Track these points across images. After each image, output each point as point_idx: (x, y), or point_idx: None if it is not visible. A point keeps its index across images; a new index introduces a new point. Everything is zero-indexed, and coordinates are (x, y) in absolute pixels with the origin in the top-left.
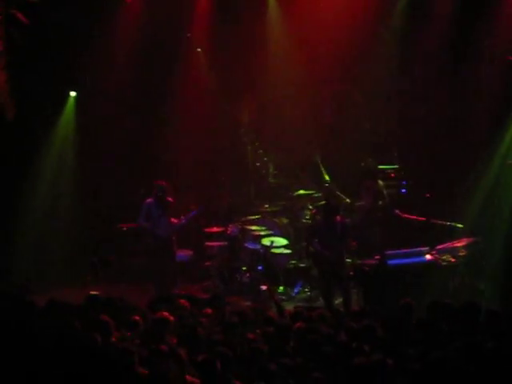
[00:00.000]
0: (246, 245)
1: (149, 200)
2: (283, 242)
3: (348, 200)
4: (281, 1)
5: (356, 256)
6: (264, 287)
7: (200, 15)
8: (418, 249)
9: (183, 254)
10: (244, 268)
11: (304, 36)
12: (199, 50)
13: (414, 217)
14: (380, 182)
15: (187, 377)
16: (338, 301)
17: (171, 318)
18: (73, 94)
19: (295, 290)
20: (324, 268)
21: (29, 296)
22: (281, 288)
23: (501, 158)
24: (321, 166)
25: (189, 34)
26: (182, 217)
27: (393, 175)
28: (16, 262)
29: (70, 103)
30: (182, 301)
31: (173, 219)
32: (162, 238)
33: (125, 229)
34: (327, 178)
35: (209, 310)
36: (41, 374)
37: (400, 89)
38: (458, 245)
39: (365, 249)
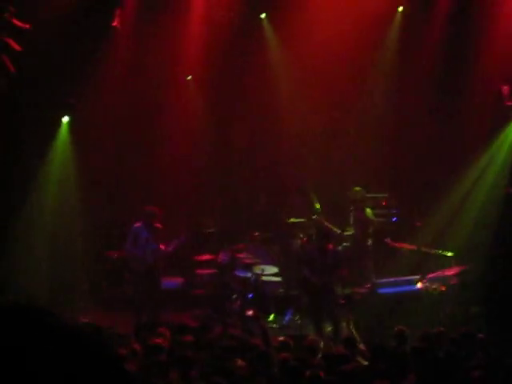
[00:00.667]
0: (237, 273)
1: (137, 225)
2: (274, 269)
3: (338, 230)
4: (275, 28)
5: (347, 285)
6: (250, 312)
7: (190, 42)
8: (409, 277)
9: (173, 281)
10: (234, 296)
11: (297, 64)
12: (189, 77)
13: (405, 245)
14: (367, 210)
15: None
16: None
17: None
18: (65, 119)
19: (286, 318)
20: (314, 295)
21: None
22: (271, 316)
23: (488, 185)
24: (311, 194)
25: (189, 77)
26: (168, 244)
27: (384, 203)
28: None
29: (64, 128)
30: (162, 329)
31: (161, 245)
32: (148, 264)
33: (115, 256)
34: (318, 206)
35: (189, 338)
36: None
37: (391, 117)
38: (449, 273)
39: (356, 278)
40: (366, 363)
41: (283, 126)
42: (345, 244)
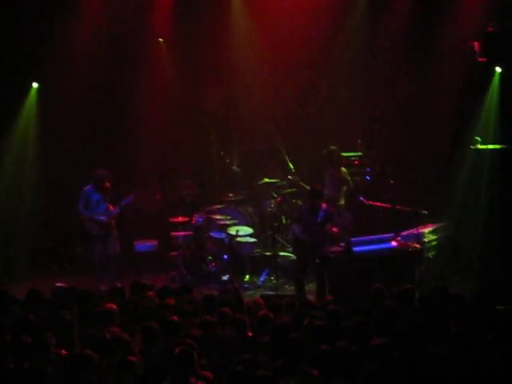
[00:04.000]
0: (212, 234)
1: (87, 187)
2: (248, 230)
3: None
4: None
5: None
6: (225, 277)
7: (162, 5)
8: (384, 235)
9: (148, 243)
10: (210, 257)
11: (268, 24)
12: (161, 40)
13: (379, 203)
14: (343, 169)
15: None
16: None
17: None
18: (35, 85)
19: (261, 279)
20: (303, 252)
21: None
22: (247, 277)
23: (465, 143)
24: (285, 154)
25: (161, 39)
26: (116, 206)
27: (357, 162)
28: None
29: (32, 94)
30: (150, 292)
31: (110, 206)
32: (101, 224)
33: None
34: (292, 166)
35: (171, 301)
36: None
37: (363, 76)
38: (423, 230)
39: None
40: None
41: (255, 88)
42: None
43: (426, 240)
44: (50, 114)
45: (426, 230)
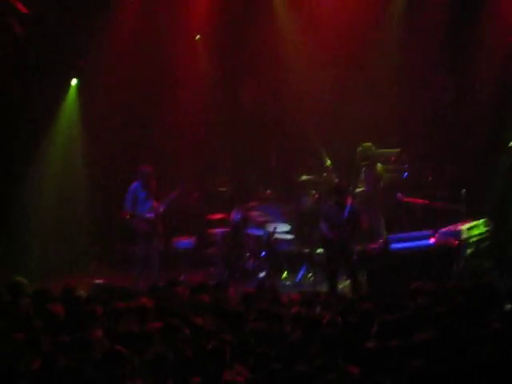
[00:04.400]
0: (249, 231)
1: (134, 184)
2: (286, 227)
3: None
4: None
5: (360, 241)
6: (262, 274)
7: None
8: (421, 232)
9: (186, 241)
10: (247, 254)
11: (307, 21)
12: (198, 37)
13: (417, 200)
14: (379, 165)
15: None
16: (343, 285)
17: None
18: (74, 81)
19: (299, 276)
20: (331, 250)
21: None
22: (285, 274)
23: (504, 141)
24: (323, 150)
25: (198, 37)
26: (161, 202)
27: (393, 159)
28: (20, 249)
29: (72, 91)
30: (181, 288)
31: (155, 203)
32: (149, 222)
33: (128, 217)
34: (329, 162)
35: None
36: None
37: (402, 74)
38: (462, 227)
39: (367, 233)
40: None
41: (292, 84)
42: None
43: (464, 237)
44: (90, 111)
45: (465, 227)
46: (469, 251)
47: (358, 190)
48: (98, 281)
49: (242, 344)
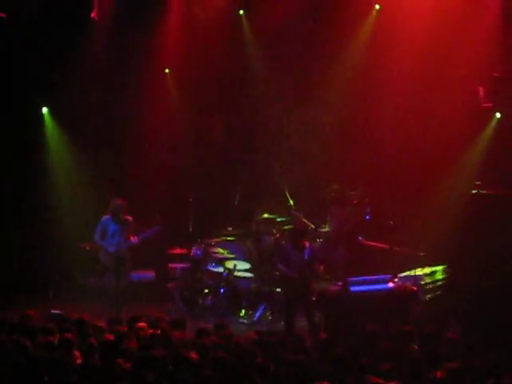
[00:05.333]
0: (209, 267)
1: (106, 217)
2: (246, 265)
3: (312, 226)
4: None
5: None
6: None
7: (168, 35)
8: (381, 276)
9: (145, 274)
10: (206, 291)
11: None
12: (167, 70)
13: (377, 244)
14: (347, 208)
15: None
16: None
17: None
18: (44, 110)
19: (257, 314)
20: (290, 291)
21: None
22: (243, 312)
23: (464, 185)
24: (286, 190)
25: (167, 70)
26: (136, 236)
27: (356, 202)
28: None
29: (47, 118)
30: (142, 324)
31: (131, 237)
32: (114, 256)
33: (88, 248)
34: (291, 202)
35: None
36: None
37: (365, 115)
38: (420, 273)
39: (329, 274)
40: None
41: (260, 123)
42: (319, 240)
43: (422, 282)
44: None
45: (424, 273)
46: (427, 297)
47: (323, 230)
48: (55, 311)
49: None
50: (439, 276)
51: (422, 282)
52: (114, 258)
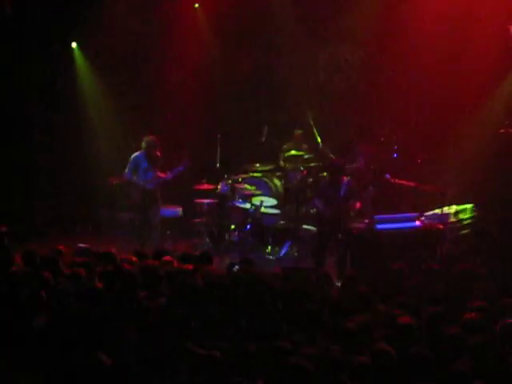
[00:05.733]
0: (236, 203)
1: (137, 153)
2: (273, 201)
3: None
4: None
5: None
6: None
7: None
8: (408, 214)
9: (172, 210)
10: (233, 226)
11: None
12: (197, 5)
13: (405, 182)
14: (374, 146)
15: None
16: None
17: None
18: (74, 45)
19: (283, 251)
20: (322, 227)
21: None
22: (269, 248)
23: (492, 124)
24: (313, 127)
25: (197, 5)
26: (168, 172)
27: (383, 139)
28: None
29: (77, 53)
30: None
31: (159, 173)
32: (147, 192)
33: (114, 183)
34: (319, 140)
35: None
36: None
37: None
38: (447, 211)
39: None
40: None
41: (288, 56)
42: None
43: (450, 221)
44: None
45: (451, 211)
46: (455, 235)
47: (351, 166)
48: (82, 245)
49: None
50: (466, 215)
51: (449, 221)
52: (146, 195)
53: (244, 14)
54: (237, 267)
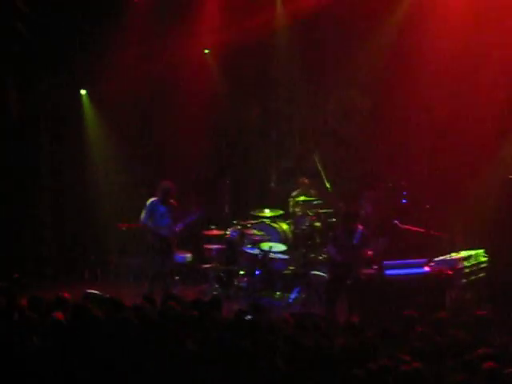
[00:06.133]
0: (245, 249)
1: (154, 199)
2: (282, 247)
3: None
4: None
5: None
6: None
7: (207, 15)
8: (417, 260)
9: (182, 255)
10: (242, 272)
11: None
12: (207, 51)
13: (414, 228)
14: (382, 192)
15: None
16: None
17: None
18: (83, 92)
19: (292, 296)
20: (337, 274)
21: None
22: (278, 293)
23: (502, 170)
24: (322, 172)
25: (207, 51)
26: (179, 223)
27: (390, 185)
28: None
29: (85, 100)
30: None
31: (172, 224)
32: (163, 238)
33: (124, 228)
34: (328, 185)
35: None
36: None
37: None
38: (457, 257)
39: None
40: None
41: (297, 106)
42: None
43: (459, 266)
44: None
45: (460, 257)
46: (463, 281)
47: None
48: (91, 291)
49: None
50: (475, 261)
51: (458, 267)
52: (163, 241)
53: (253, 61)
54: (249, 317)
